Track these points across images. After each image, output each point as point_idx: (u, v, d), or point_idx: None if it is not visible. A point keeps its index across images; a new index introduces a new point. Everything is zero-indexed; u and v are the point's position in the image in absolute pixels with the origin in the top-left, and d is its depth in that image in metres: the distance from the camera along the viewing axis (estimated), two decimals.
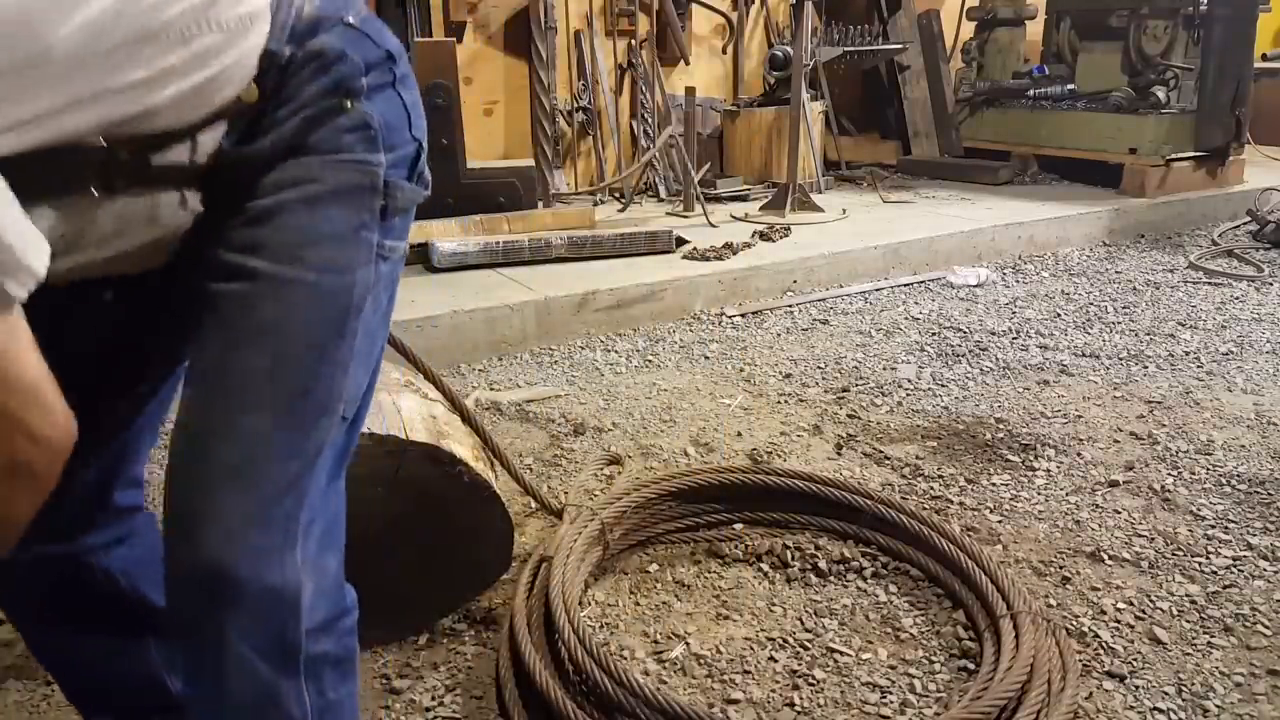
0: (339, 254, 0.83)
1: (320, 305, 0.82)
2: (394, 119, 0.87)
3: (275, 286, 0.81)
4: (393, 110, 0.88)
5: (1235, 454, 2.16)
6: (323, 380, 0.83)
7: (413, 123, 0.90)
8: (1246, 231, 4.37)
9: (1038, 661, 1.35)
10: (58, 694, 1.42)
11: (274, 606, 0.80)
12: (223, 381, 0.81)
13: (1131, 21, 4.83)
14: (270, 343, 0.81)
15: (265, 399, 0.80)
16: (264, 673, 0.81)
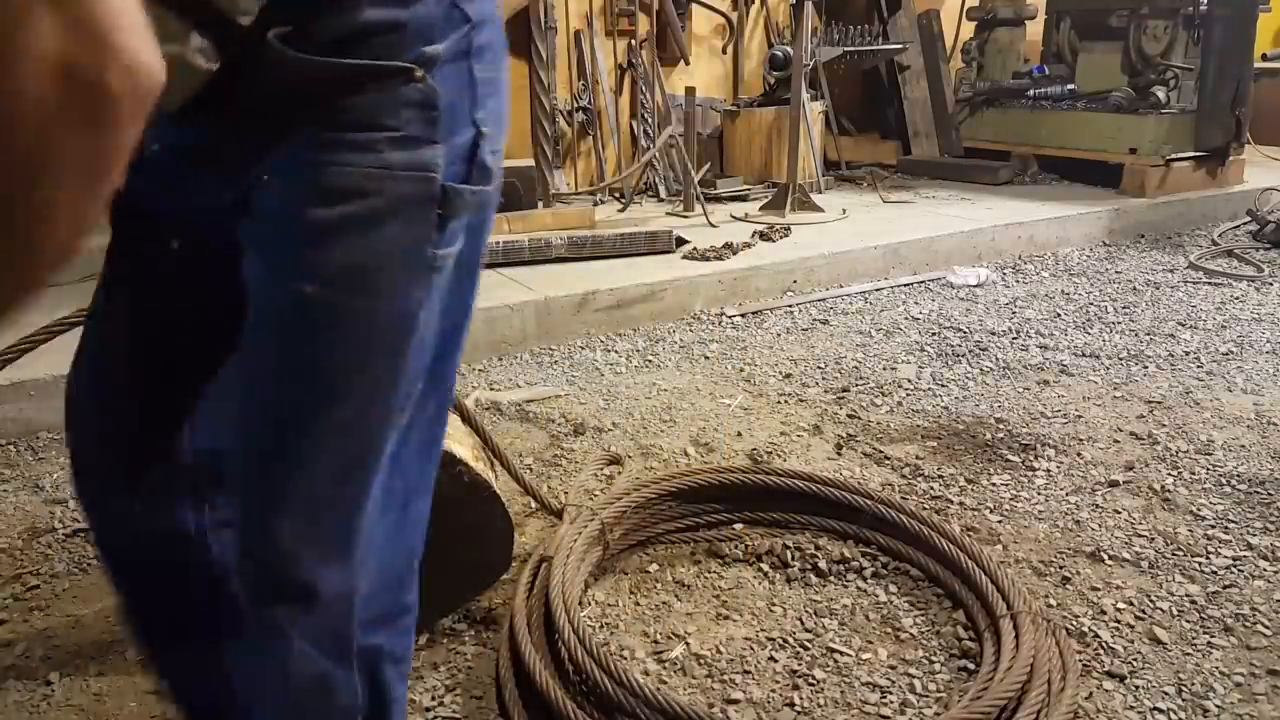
0: (385, 283, 0.77)
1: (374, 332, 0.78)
2: (460, 97, 0.76)
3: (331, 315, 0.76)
4: (461, 87, 0.76)
5: (1235, 454, 2.16)
6: (374, 404, 0.81)
7: (478, 101, 0.78)
8: (1246, 231, 4.37)
9: (1038, 661, 1.35)
10: (58, 693, 1.42)
11: (330, 606, 0.82)
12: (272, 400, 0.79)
13: (1131, 21, 4.83)
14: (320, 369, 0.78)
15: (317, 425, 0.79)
16: (319, 662, 0.83)
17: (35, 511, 1.99)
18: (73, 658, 1.50)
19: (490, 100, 0.79)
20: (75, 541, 1.85)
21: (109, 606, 1.63)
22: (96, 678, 1.45)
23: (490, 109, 0.80)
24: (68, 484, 2.11)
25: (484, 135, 0.79)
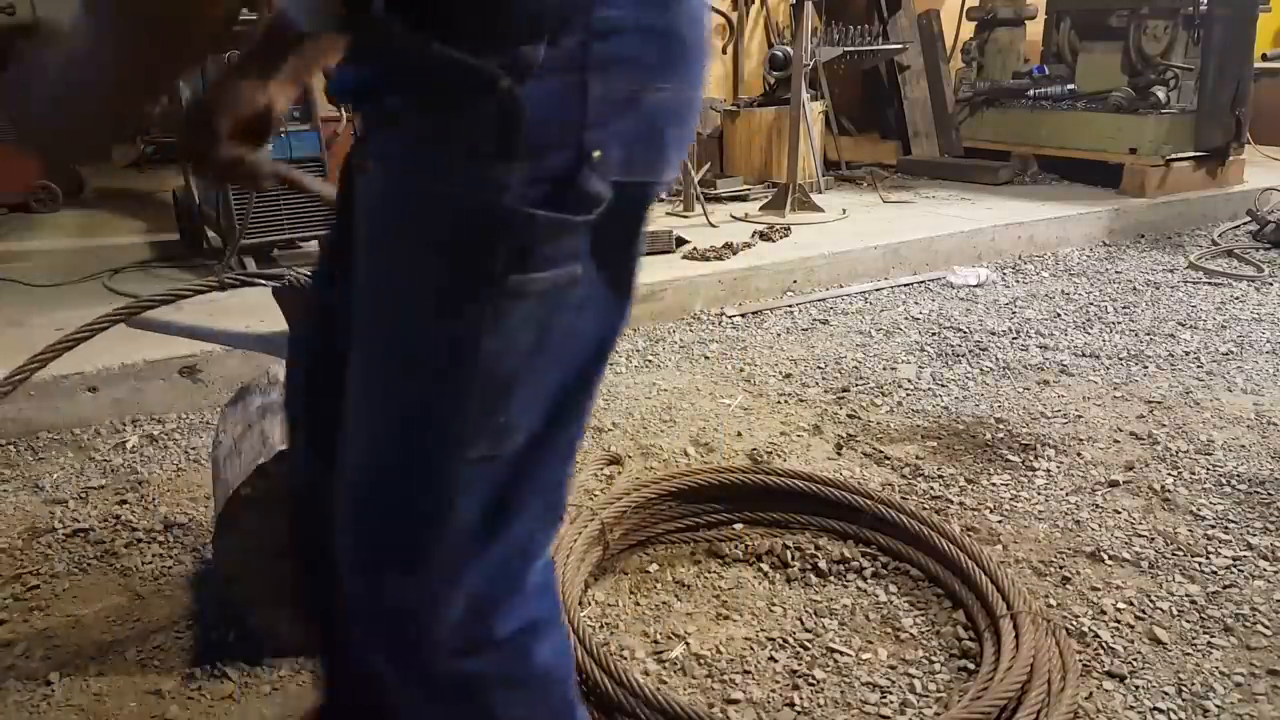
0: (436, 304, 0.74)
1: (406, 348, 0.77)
2: (562, 114, 0.69)
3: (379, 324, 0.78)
4: (563, 102, 0.69)
5: (1235, 454, 2.16)
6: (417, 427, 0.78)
7: (591, 121, 0.70)
8: (1246, 231, 4.37)
9: (1038, 661, 1.35)
10: (58, 694, 1.42)
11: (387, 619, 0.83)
12: (352, 400, 0.81)
13: (1131, 21, 4.83)
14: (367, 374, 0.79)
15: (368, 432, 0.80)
16: (394, 681, 0.86)
17: (35, 512, 1.99)
18: (73, 658, 1.50)
19: (619, 121, 0.72)
20: (75, 541, 1.85)
21: (109, 607, 1.64)
22: (96, 678, 1.45)
23: (616, 130, 0.72)
24: (67, 484, 2.11)
25: (592, 159, 0.71)
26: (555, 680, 0.93)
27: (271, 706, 1.38)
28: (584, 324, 0.80)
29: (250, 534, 1.36)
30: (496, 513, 0.82)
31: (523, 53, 0.67)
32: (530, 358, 0.77)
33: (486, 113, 0.67)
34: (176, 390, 2.50)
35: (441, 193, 0.71)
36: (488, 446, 0.79)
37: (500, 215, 0.70)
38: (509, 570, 0.86)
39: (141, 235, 4.18)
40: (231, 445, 1.47)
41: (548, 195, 0.70)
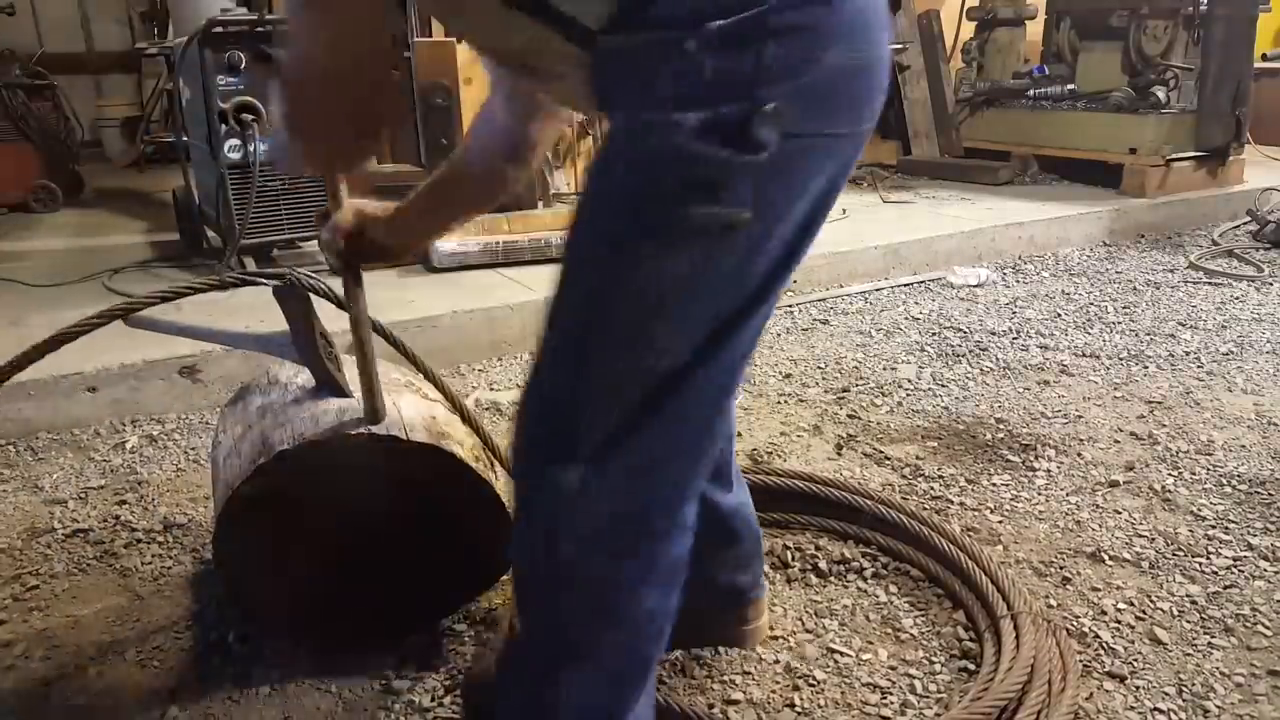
0: (614, 222, 0.88)
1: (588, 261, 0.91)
2: (740, 72, 0.82)
3: (570, 240, 0.93)
4: (742, 62, 0.82)
5: (1236, 454, 2.16)
6: (585, 330, 0.92)
7: (765, 79, 0.83)
8: (1247, 231, 4.37)
9: (1038, 662, 1.35)
10: (57, 694, 1.42)
11: (534, 503, 0.97)
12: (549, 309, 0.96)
13: (1132, 21, 4.82)
14: (560, 285, 0.93)
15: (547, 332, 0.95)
16: (529, 555, 1.00)
17: (34, 512, 1.99)
18: (72, 658, 1.50)
19: (791, 81, 0.83)
20: (74, 542, 1.85)
21: (108, 607, 1.64)
22: (96, 678, 1.45)
23: (792, 87, 0.83)
24: (67, 484, 2.11)
25: (763, 111, 0.82)
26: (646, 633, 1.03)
27: (271, 707, 1.38)
28: (744, 270, 0.91)
29: (250, 534, 1.36)
30: (640, 424, 0.93)
31: (708, 27, 0.80)
32: (685, 289, 0.88)
33: (678, 69, 0.82)
34: (176, 390, 2.50)
35: (640, 126, 0.85)
36: (638, 361, 0.91)
37: (677, 150, 0.83)
38: (644, 487, 0.97)
39: (141, 235, 4.18)
40: (231, 445, 1.47)
41: (721, 138, 0.83)
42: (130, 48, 6.89)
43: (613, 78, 0.89)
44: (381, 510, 1.40)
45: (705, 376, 0.95)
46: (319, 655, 1.47)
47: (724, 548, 1.42)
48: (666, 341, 0.91)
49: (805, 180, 0.91)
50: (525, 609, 1.08)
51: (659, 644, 1.06)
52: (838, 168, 0.95)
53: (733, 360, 0.97)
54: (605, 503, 0.96)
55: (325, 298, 1.45)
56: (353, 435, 1.34)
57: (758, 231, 0.89)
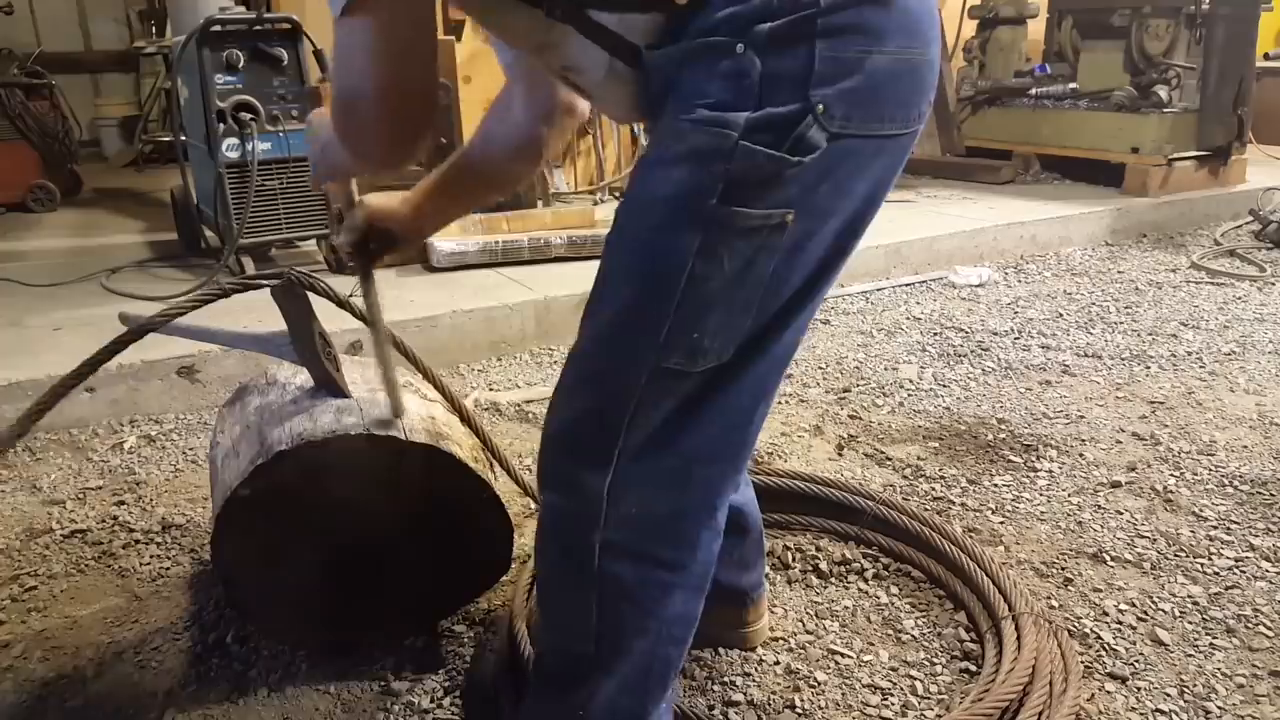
0: (660, 219, 0.88)
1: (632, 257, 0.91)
2: (790, 73, 0.83)
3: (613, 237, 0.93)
4: (792, 64, 0.83)
5: (1238, 454, 2.15)
6: (626, 327, 0.91)
7: (815, 80, 0.84)
8: (1249, 231, 4.36)
9: (1040, 663, 1.34)
10: (55, 695, 1.41)
11: (564, 505, 0.96)
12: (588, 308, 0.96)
13: (1134, 20, 4.81)
14: (599, 284, 0.94)
15: (586, 329, 0.95)
16: (558, 558, 0.99)
17: (33, 512, 1.98)
18: (71, 659, 1.49)
19: (840, 82, 0.84)
20: (73, 542, 1.85)
21: (107, 608, 1.63)
22: (94, 680, 1.45)
23: (842, 88, 0.84)
24: (65, 485, 2.10)
25: (816, 111, 0.84)
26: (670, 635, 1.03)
27: (270, 708, 1.37)
28: (789, 270, 0.91)
29: (248, 535, 1.35)
30: (677, 424, 0.93)
31: (758, 29, 0.82)
32: (729, 288, 0.88)
33: (728, 71, 0.84)
34: (174, 391, 2.49)
35: (690, 124, 0.85)
36: (679, 360, 0.90)
37: (726, 148, 0.84)
38: (679, 489, 0.96)
39: (139, 235, 4.18)
40: (229, 446, 1.46)
41: (769, 138, 0.84)
42: (128, 47, 6.90)
43: (661, 83, 0.89)
44: (380, 511, 1.39)
45: (746, 377, 0.94)
46: (318, 656, 1.46)
47: (728, 545, 1.41)
48: (709, 342, 0.91)
49: (853, 180, 0.91)
50: (550, 615, 1.07)
51: (684, 648, 1.06)
52: (886, 168, 0.95)
53: (774, 361, 0.96)
54: (639, 506, 0.95)
55: (324, 296, 1.44)
56: (351, 436, 1.34)
57: (804, 231, 0.89)
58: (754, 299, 0.90)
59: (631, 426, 0.93)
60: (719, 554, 1.40)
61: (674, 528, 0.98)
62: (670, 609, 1.00)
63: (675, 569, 0.99)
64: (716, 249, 0.87)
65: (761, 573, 1.48)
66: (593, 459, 0.94)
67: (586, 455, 0.95)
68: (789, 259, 0.90)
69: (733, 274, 0.88)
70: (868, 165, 0.91)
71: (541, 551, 1.03)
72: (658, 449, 0.94)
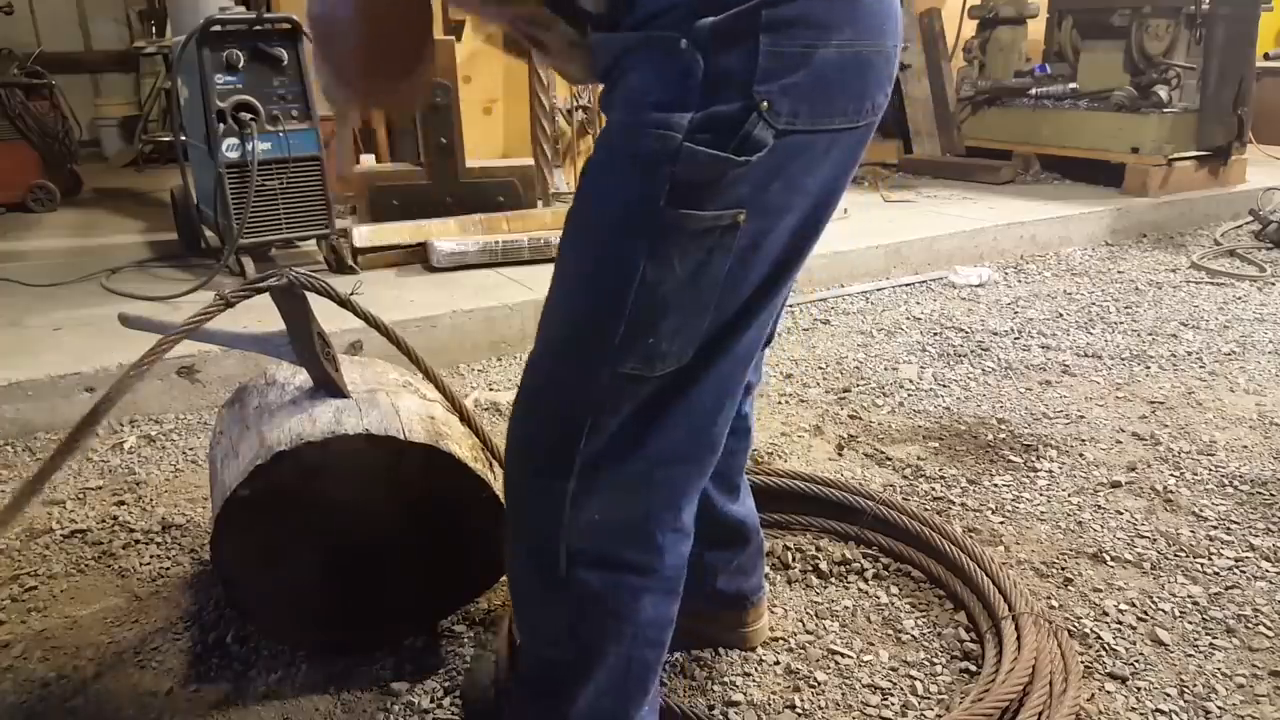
0: (608, 225, 0.87)
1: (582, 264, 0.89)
2: (734, 70, 0.81)
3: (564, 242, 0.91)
4: (736, 61, 0.81)
5: (1238, 455, 2.15)
6: (579, 334, 0.90)
7: (760, 76, 0.81)
8: (1249, 231, 4.36)
9: (1040, 663, 1.34)
10: (55, 695, 1.41)
11: (529, 515, 0.94)
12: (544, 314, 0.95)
13: (1133, 20, 4.81)
14: (552, 290, 0.92)
15: (541, 337, 0.93)
16: (526, 568, 0.98)
17: (33, 512, 1.98)
18: (70, 659, 1.49)
19: (787, 77, 0.82)
20: (73, 542, 1.85)
21: (106, 608, 1.63)
22: (94, 680, 1.45)
23: (787, 83, 0.82)
24: (65, 484, 2.10)
25: (761, 109, 0.81)
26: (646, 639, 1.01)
27: (269, 709, 1.37)
28: (745, 270, 0.89)
29: (248, 535, 1.35)
30: (639, 428, 0.91)
31: (701, 24, 0.80)
32: (683, 291, 0.86)
33: (672, 69, 0.82)
34: (174, 391, 2.49)
35: (634, 127, 0.84)
36: (636, 365, 0.88)
37: (672, 149, 0.81)
38: (643, 493, 0.95)
39: (139, 235, 4.18)
40: (229, 446, 1.46)
41: (713, 139, 0.81)
42: (128, 47, 6.90)
43: (606, 63, 0.88)
44: (379, 511, 1.39)
45: (708, 377, 0.93)
46: (317, 656, 1.46)
47: (728, 554, 1.41)
48: (666, 345, 0.89)
49: (806, 177, 0.89)
50: (525, 623, 1.07)
51: (662, 650, 1.04)
52: (841, 161, 0.92)
53: (736, 359, 0.95)
54: (602, 512, 0.93)
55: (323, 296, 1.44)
56: (351, 436, 1.34)
57: (758, 230, 0.87)
58: (710, 300, 0.89)
59: (591, 433, 0.91)
60: (721, 562, 1.40)
61: (640, 532, 0.96)
62: (642, 613, 0.99)
63: (644, 573, 0.98)
64: (667, 253, 0.85)
65: (761, 577, 1.48)
66: (553, 468, 0.93)
67: (547, 464, 0.94)
68: (745, 258, 0.88)
69: (686, 277, 0.86)
70: (820, 160, 0.89)
71: (509, 561, 1.01)
72: (619, 454, 0.92)
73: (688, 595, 1.48)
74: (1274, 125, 5.99)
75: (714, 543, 1.41)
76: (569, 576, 0.95)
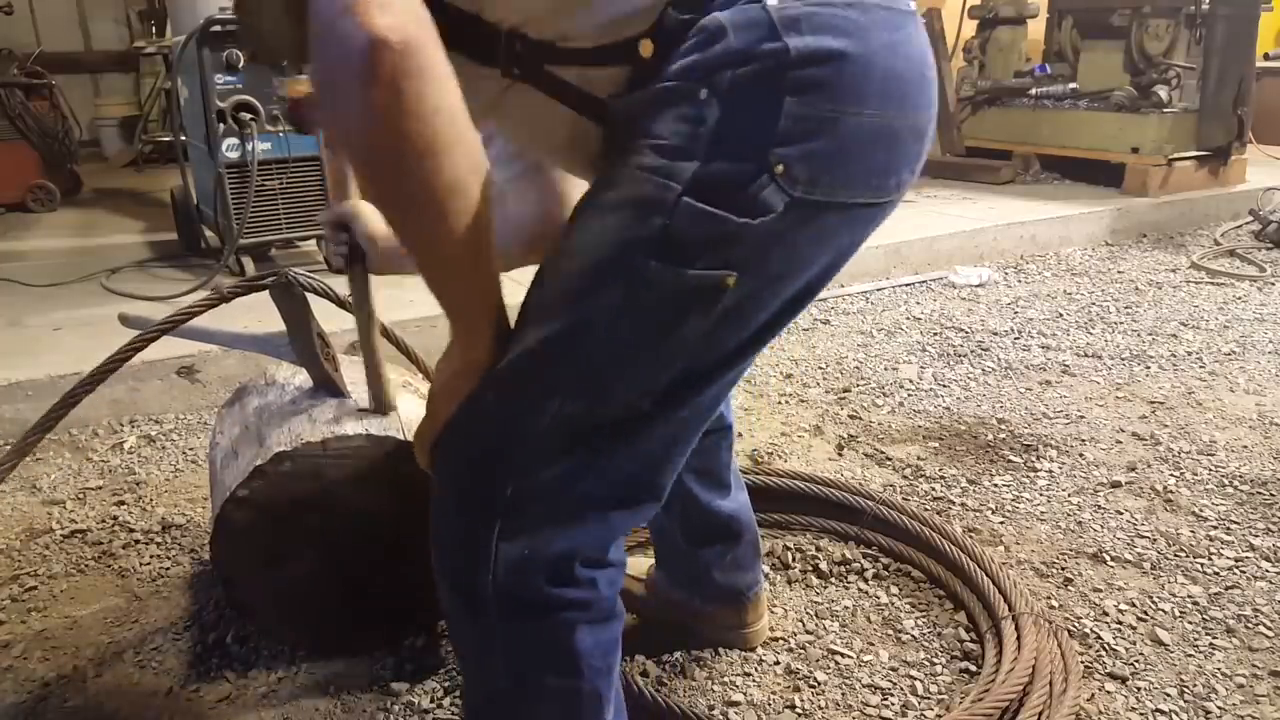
0: (585, 266, 0.82)
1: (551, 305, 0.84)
2: (748, 125, 0.77)
3: (538, 276, 0.87)
4: (754, 116, 0.77)
5: (1238, 454, 2.15)
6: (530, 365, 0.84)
7: (779, 138, 0.76)
8: (1249, 231, 4.36)
9: (1040, 663, 1.34)
10: (55, 695, 1.41)
11: (452, 554, 0.89)
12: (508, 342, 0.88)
13: (1133, 20, 4.81)
14: (520, 324, 0.86)
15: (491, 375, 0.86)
16: (454, 605, 0.92)
17: (33, 513, 1.98)
18: (70, 659, 1.49)
19: (813, 141, 0.77)
20: (73, 542, 1.85)
21: (106, 608, 1.63)
22: (94, 680, 1.45)
23: (808, 148, 0.77)
24: (65, 485, 2.10)
25: (775, 171, 0.77)
26: (590, 668, 0.94)
27: (268, 709, 1.37)
28: (724, 333, 0.83)
29: (248, 536, 1.35)
30: (576, 470, 0.85)
31: (721, 75, 0.77)
32: (650, 344, 0.82)
33: (683, 115, 0.78)
34: (174, 391, 2.49)
35: (632, 171, 0.79)
36: (585, 406, 0.83)
37: (667, 202, 0.77)
38: (573, 532, 0.88)
39: (139, 235, 4.18)
40: (228, 447, 1.46)
41: (716, 196, 0.77)
42: (128, 47, 6.90)
43: (626, 131, 0.82)
44: (379, 511, 1.39)
45: (660, 425, 0.87)
46: (317, 656, 1.46)
47: (720, 549, 1.42)
48: (621, 392, 0.84)
49: (813, 249, 0.84)
50: (462, 655, 1.01)
51: (611, 675, 0.98)
52: (849, 240, 0.87)
53: (696, 409, 0.88)
54: (531, 550, 0.87)
55: (323, 297, 1.44)
56: (350, 436, 1.34)
57: (747, 294, 0.82)
58: (676, 358, 0.83)
59: (524, 470, 0.85)
60: (714, 558, 1.40)
61: (567, 570, 0.89)
62: (580, 644, 0.92)
63: (574, 608, 0.91)
64: (640, 305, 0.80)
65: (758, 573, 1.48)
66: (480, 504, 0.87)
67: (473, 501, 0.87)
68: (725, 321, 0.82)
69: (655, 331, 0.81)
70: (830, 235, 0.84)
71: (440, 598, 0.94)
72: (553, 494, 0.86)
73: (685, 593, 1.48)
74: (1274, 125, 5.99)
75: (706, 540, 1.41)
76: (499, 617, 0.89)
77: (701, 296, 0.80)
